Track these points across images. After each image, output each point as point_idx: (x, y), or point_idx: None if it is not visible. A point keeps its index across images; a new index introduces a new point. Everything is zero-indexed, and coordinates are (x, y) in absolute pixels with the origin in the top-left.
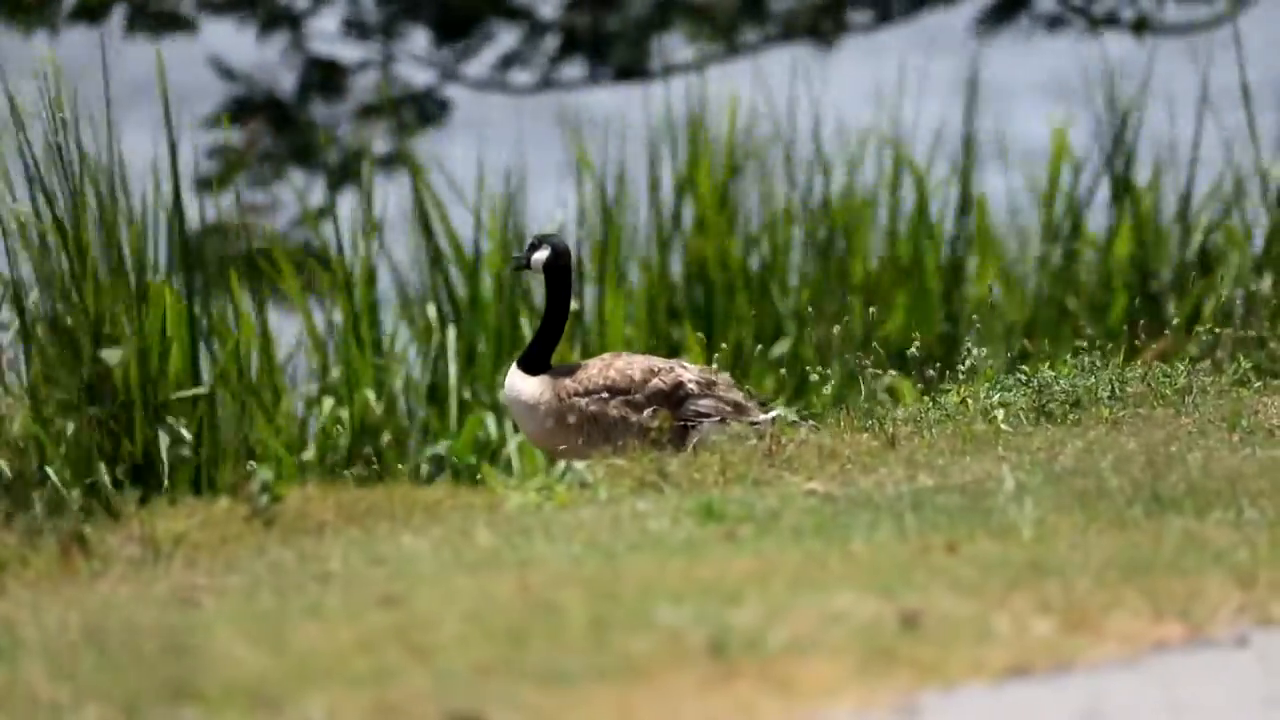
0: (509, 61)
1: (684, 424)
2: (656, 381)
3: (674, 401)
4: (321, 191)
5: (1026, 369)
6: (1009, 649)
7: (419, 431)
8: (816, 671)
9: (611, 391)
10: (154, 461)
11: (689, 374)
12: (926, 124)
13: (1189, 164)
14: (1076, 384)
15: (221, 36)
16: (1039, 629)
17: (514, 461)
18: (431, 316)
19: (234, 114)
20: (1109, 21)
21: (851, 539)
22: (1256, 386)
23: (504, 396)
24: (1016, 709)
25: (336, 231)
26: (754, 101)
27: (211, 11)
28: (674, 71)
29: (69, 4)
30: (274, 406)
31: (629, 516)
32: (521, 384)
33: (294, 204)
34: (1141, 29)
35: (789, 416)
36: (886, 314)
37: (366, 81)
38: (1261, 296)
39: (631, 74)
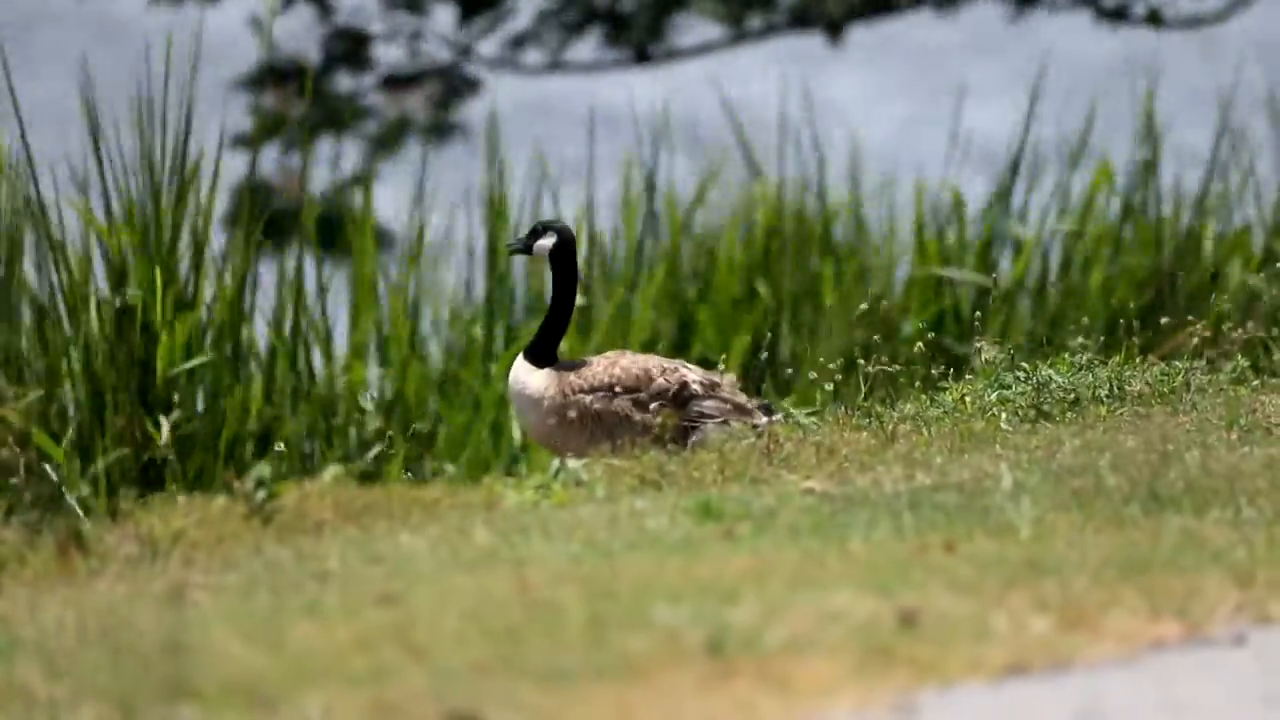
0: (521, 41)
1: (687, 424)
2: (661, 381)
3: (678, 402)
4: (355, 159)
5: (1026, 367)
6: (1007, 647)
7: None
8: (814, 670)
9: (616, 390)
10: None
11: (693, 375)
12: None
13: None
14: (1075, 382)
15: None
16: (1037, 627)
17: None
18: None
19: (262, 80)
20: (1117, 15)
21: (849, 538)
22: (1254, 385)
23: (509, 388)
24: (1014, 707)
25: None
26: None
27: None
28: (683, 56)
29: None
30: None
31: (627, 515)
32: (528, 377)
33: (325, 171)
34: (1155, 21)
35: (799, 418)
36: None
37: (391, 55)
38: (1262, 294)
39: (644, 57)
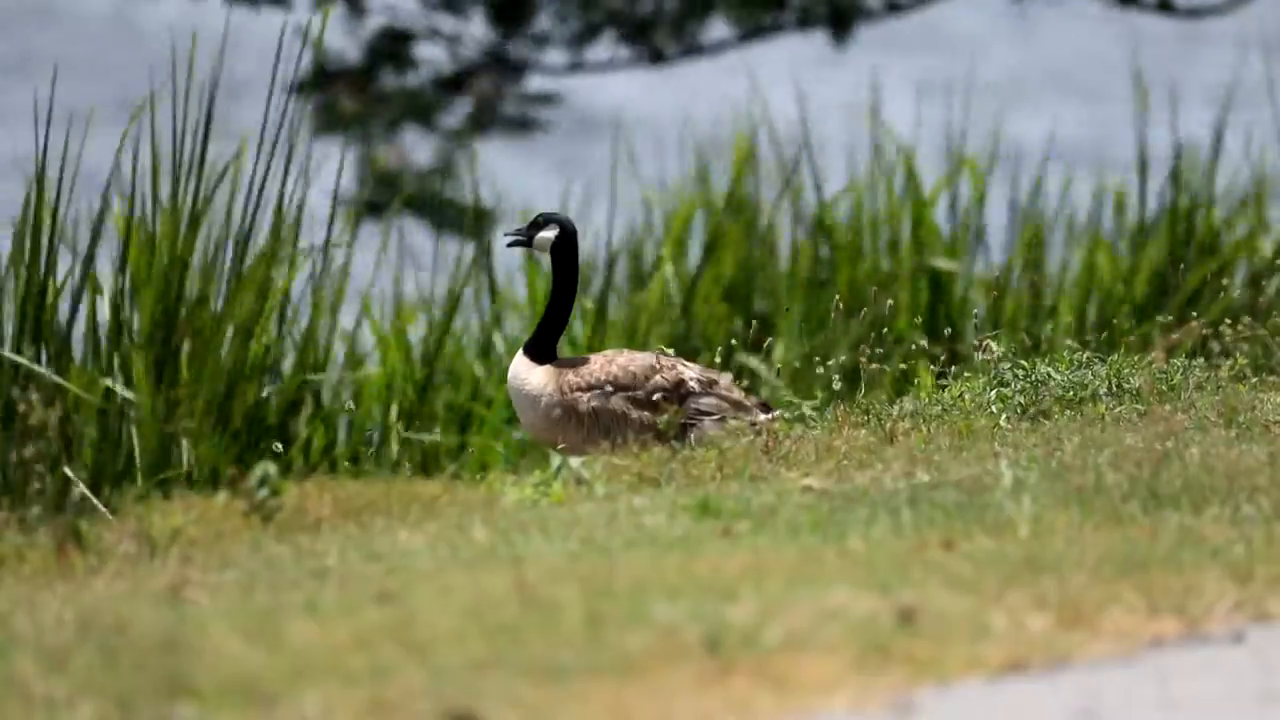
0: (542, 42)
1: (685, 421)
2: (659, 378)
3: (676, 399)
4: (432, 151)
5: (1025, 364)
6: (1005, 645)
7: None
8: (812, 668)
9: (614, 387)
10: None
11: (691, 372)
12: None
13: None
14: (1074, 379)
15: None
16: (1035, 625)
17: None
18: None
19: (314, 82)
20: (1130, 1)
21: (848, 535)
22: (1253, 382)
23: (508, 384)
24: (1012, 705)
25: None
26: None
27: None
28: (696, 55)
29: None
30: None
31: (625, 513)
32: (527, 373)
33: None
34: (1166, 9)
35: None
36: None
37: (433, 55)
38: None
39: (660, 57)
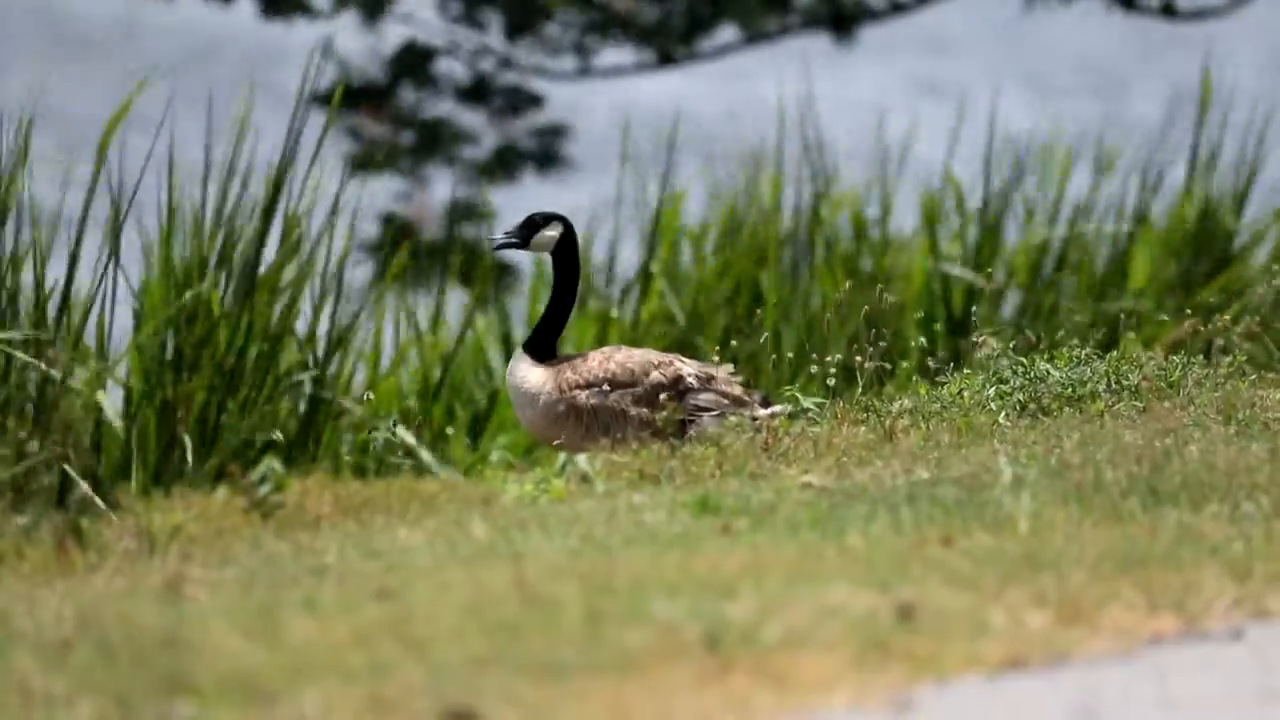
0: (554, 47)
1: (684, 418)
2: (657, 375)
3: (674, 395)
4: (453, 186)
5: (1024, 361)
6: (1004, 642)
7: None
8: (811, 665)
9: (612, 384)
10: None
11: (689, 368)
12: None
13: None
14: (1073, 376)
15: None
16: (1034, 622)
17: None
18: None
19: (342, 100)
20: (1128, 4)
21: (847, 532)
22: (1252, 379)
23: (507, 382)
24: (1011, 703)
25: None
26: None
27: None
28: (702, 58)
29: None
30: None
31: (625, 510)
32: (527, 372)
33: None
34: (1169, 12)
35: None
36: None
37: (453, 69)
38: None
39: (668, 60)
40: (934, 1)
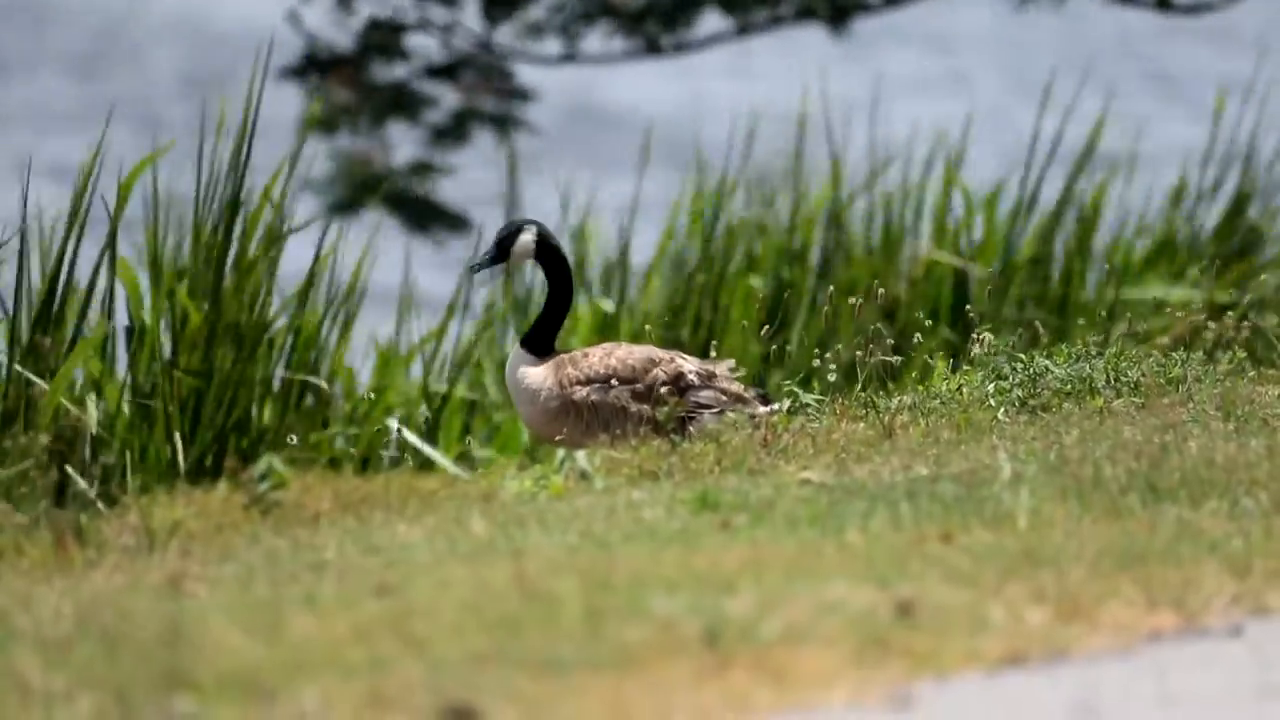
0: (535, 31)
1: (685, 414)
2: (658, 371)
3: (675, 392)
4: (415, 147)
5: (1023, 357)
6: (1003, 638)
7: None
8: (810, 661)
9: (613, 381)
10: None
11: (689, 364)
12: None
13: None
14: (1072, 372)
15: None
16: (1033, 618)
17: None
18: None
19: (304, 70)
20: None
21: (846, 528)
22: (1251, 376)
23: (506, 379)
24: (1010, 699)
25: None
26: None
27: None
28: (692, 48)
29: None
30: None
31: (624, 506)
32: (526, 369)
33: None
34: (1164, 6)
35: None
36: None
37: (424, 46)
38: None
39: (656, 49)
40: None
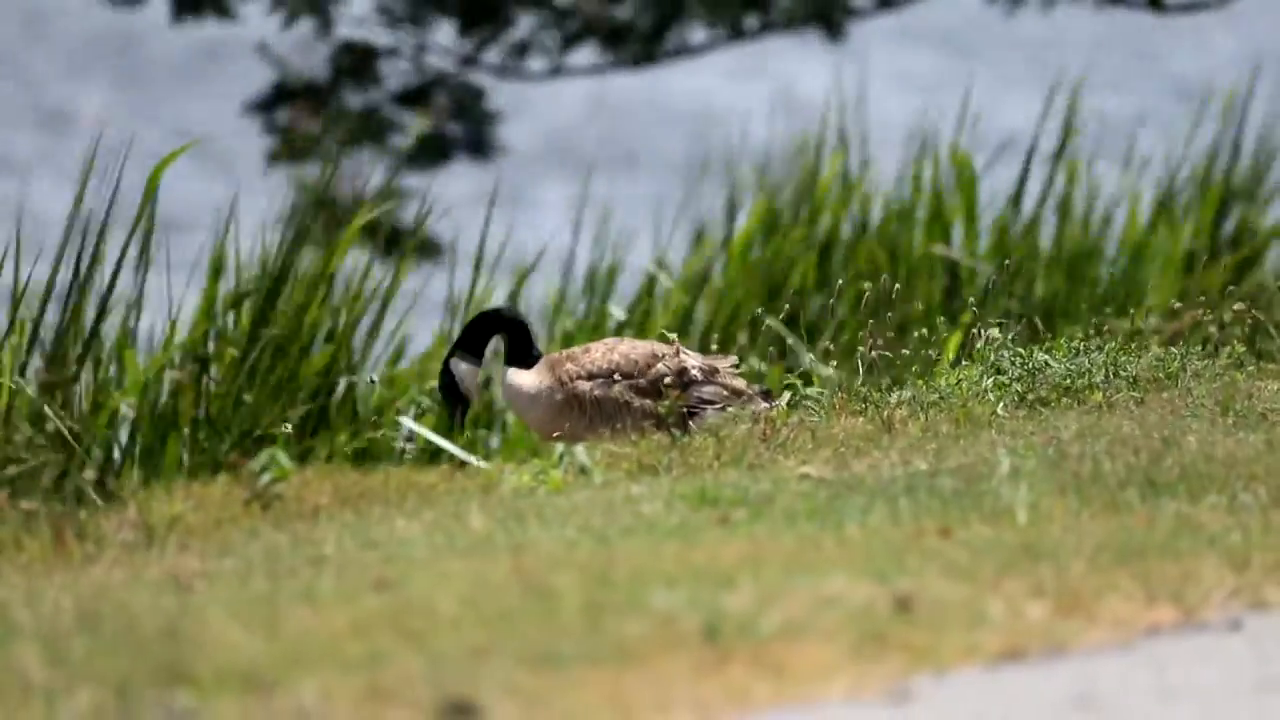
0: (523, 49)
1: (687, 410)
2: (661, 366)
3: (679, 387)
4: (384, 174)
5: (1022, 352)
6: (1002, 633)
7: None
8: (809, 656)
9: (616, 376)
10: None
11: (692, 360)
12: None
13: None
14: (1071, 367)
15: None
16: (1032, 613)
17: None
18: None
19: (275, 99)
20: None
21: (845, 523)
22: (1250, 370)
23: (504, 397)
24: (1009, 693)
25: None
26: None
27: None
28: (684, 55)
29: None
30: None
31: (623, 501)
32: (518, 379)
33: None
34: (1156, 6)
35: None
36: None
37: (396, 69)
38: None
39: (643, 60)
40: None
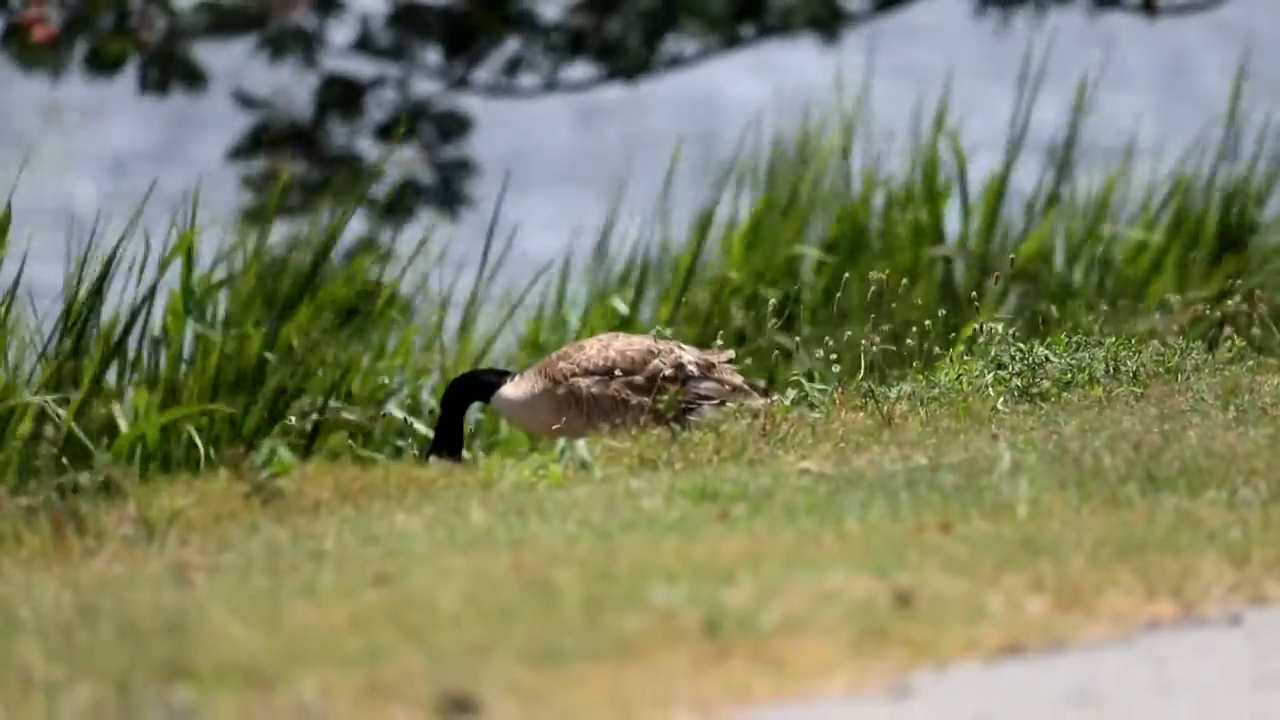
0: (514, 66)
1: (685, 405)
2: (658, 363)
3: (675, 383)
4: (363, 225)
5: (1022, 346)
6: (1002, 628)
7: None
8: (809, 651)
9: (612, 372)
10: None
11: (689, 355)
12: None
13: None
14: (1071, 362)
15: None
16: (1032, 608)
17: None
18: None
19: (256, 144)
20: (1111, 2)
21: (845, 518)
22: (1251, 364)
23: (503, 416)
24: (1009, 688)
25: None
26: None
27: (223, 34)
28: (681, 65)
29: (81, 51)
30: None
31: (623, 495)
32: (507, 393)
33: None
34: (1149, 9)
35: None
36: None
37: (382, 99)
38: None
39: (636, 72)
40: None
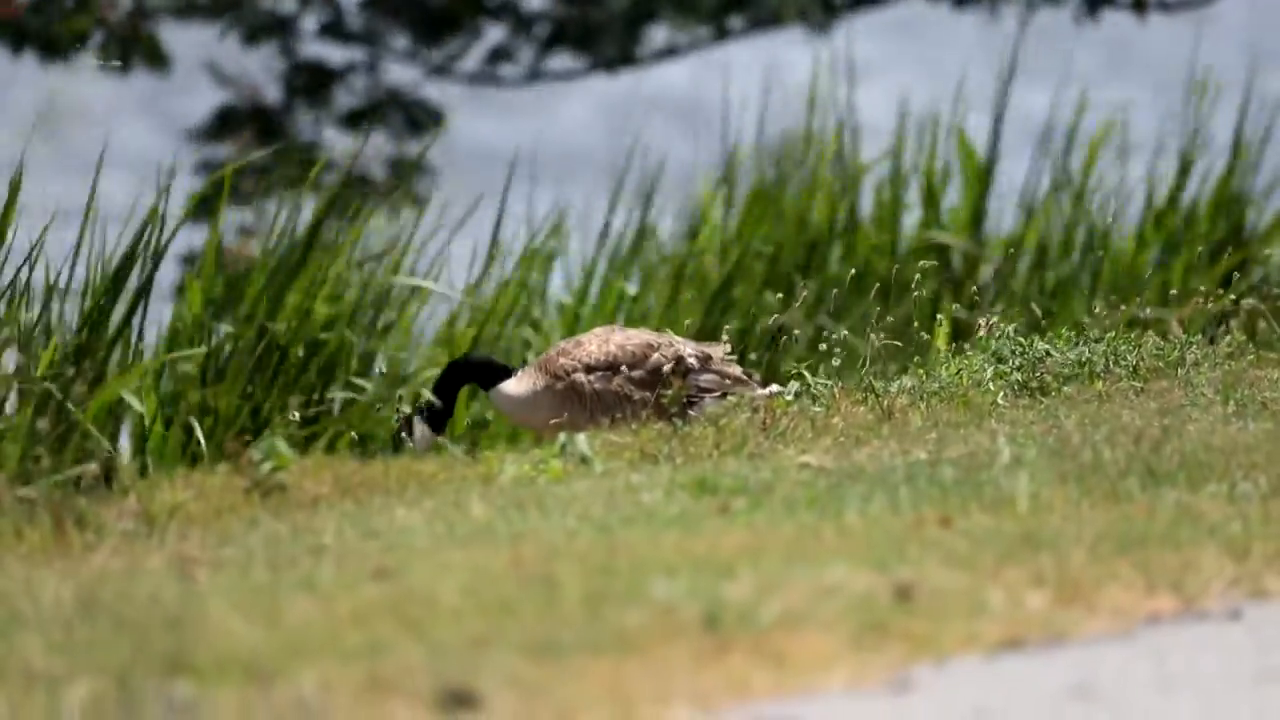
0: (496, 56)
1: (686, 398)
2: (657, 356)
3: (678, 375)
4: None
5: (1022, 341)
6: (1002, 622)
7: None
8: (809, 645)
9: (613, 367)
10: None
11: (688, 348)
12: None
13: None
14: (1072, 356)
15: (205, 46)
16: (1032, 602)
17: None
18: None
19: (222, 127)
20: (1106, 1)
21: (845, 512)
22: (1250, 359)
23: (507, 415)
24: (1009, 682)
25: None
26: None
27: (195, 17)
28: (662, 58)
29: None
30: None
31: (623, 490)
32: (508, 389)
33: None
34: (1139, 8)
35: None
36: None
37: (353, 86)
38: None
39: (618, 63)
40: None
